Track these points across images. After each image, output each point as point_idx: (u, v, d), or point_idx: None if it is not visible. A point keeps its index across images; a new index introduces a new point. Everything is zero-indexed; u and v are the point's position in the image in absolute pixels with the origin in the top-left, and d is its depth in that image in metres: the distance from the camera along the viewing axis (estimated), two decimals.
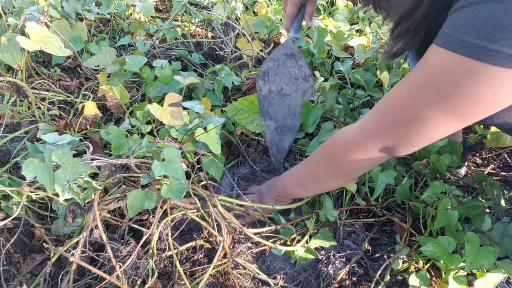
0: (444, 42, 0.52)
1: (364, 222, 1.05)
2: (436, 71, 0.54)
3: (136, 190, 0.81)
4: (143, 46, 1.51)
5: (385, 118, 0.67)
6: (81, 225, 0.89)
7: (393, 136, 0.66)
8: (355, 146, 0.74)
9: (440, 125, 0.59)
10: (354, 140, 0.74)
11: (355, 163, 0.76)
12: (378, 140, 0.69)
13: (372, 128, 0.69)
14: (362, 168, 0.80)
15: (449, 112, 0.56)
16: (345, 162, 0.78)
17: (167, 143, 0.90)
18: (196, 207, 0.86)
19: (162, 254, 0.83)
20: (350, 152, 0.75)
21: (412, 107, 0.60)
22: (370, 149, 0.71)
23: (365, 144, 0.71)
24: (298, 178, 0.93)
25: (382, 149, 0.70)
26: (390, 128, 0.66)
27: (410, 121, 0.62)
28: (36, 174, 0.74)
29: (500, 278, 0.79)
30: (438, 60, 0.54)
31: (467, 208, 0.91)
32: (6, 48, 1.12)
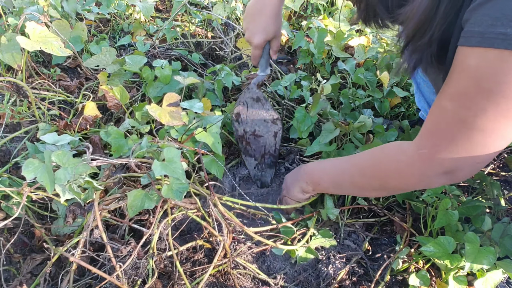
0: (480, 40, 0.49)
1: (365, 222, 1.05)
2: (479, 73, 0.51)
3: (136, 190, 0.81)
4: (143, 46, 1.51)
5: (440, 138, 0.60)
6: (81, 225, 0.89)
7: (453, 156, 0.60)
8: (411, 171, 0.68)
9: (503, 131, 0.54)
10: (409, 165, 0.67)
11: (407, 185, 0.73)
12: (437, 165, 0.63)
13: (429, 153, 0.63)
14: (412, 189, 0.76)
15: (507, 113, 0.52)
16: (395, 182, 0.73)
17: (167, 143, 0.90)
18: (197, 207, 0.86)
19: (162, 254, 0.83)
20: (404, 176, 0.70)
21: (467, 119, 0.55)
22: (428, 176, 0.65)
23: (422, 171, 0.65)
24: (336, 179, 0.89)
25: (443, 174, 0.64)
26: (449, 148, 0.59)
27: (470, 134, 0.56)
28: (36, 175, 0.74)
29: (500, 278, 0.79)
30: (477, 61, 0.51)
31: (467, 208, 0.91)
32: (6, 48, 1.12)
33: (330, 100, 1.45)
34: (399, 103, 1.43)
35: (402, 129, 1.19)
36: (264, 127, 1.13)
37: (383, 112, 1.37)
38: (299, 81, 1.47)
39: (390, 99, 1.39)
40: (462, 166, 0.61)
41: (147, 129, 1.08)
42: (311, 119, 1.18)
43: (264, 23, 1.00)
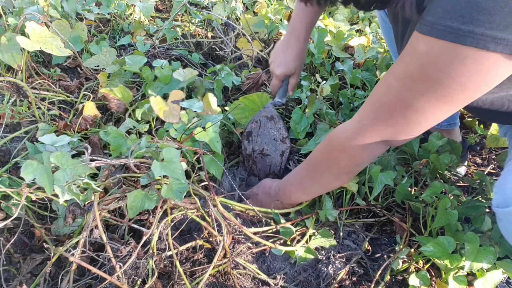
0: (430, 30, 0.52)
1: (364, 222, 1.05)
2: (425, 60, 0.55)
3: (136, 191, 0.81)
4: (143, 46, 1.51)
5: (380, 112, 0.67)
6: (81, 225, 0.89)
7: (390, 128, 0.67)
8: (353, 142, 0.74)
9: (434, 113, 0.60)
10: (351, 137, 0.74)
11: (356, 159, 0.77)
12: (375, 134, 0.70)
13: (369, 123, 0.70)
14: (363, 163, 0.81)
15: (442, 99, 0.57)
16: (345, 160, 0.79)
17: (166, 143, 0.90)
18: (196, 207, 0.86)
19: (162, 254, 0.83)
20: (349, 149, 0.76)
21: (406, 98, 0.61)
22: (369, 144, 0.72)
23: (362, 139, 0.72)
24: (301, 184, 0.93)
25: (380, 141, 0.71)
26: (387, 121, 0.67)
27: (406, 111, 0.62)
28: (35, 176, 0.74)
29: (500, 278, 0.79)
30: (425, 49, 0.54)
31: (467, 208, 0.91)
32: (6, 48, 1.12)
33: (330, 100, 1.45)
34: None
35: None
36: (273, 145, 1.15)
37: None
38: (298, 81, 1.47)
39: None
40: (397, 136, 0.69)
41: (146, 128, 1.08)
42: (307, 119, 1.20)
43: (286, 59, 1.15)
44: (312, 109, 1.18)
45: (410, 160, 1.11)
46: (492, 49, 0.48)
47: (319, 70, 1.60)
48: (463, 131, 1.38)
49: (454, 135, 1.23)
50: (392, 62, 1.45)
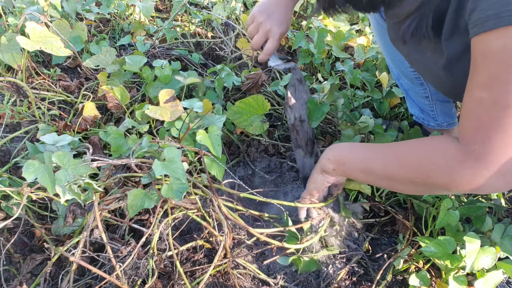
0: (497, 22, 0.49)
1: (365, 222, 1.05)
2: (508, 52, 0.50)
3: (137, 190, 0.81)
4: (143, 46, 1.51)
5: (488, 131, 0.56)
6: (81, 225, 0.89)
7: (508, 146, 0.55)
8: (463, 169, 0.61)
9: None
10: (462, 162, 0.61)
11: (455, 187, 0.64)
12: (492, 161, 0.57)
13: (481, 148, 0.57)
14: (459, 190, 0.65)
15: None
16: (442, 180, 0.65)
17: (167, 142, 0.90)
18: (197, 207, 0.86)
19: (162, 254, 0.83)
20: (455, 173, 0.62)
21: (501, 100, 0.53)
22: (485, 177, 0.58)
23: (477, 169, 0.59)
24: (367, 162, 0.80)
25: (500, 174, 0.57)
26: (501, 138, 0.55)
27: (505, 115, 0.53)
28: (37, 176, 0.74)
29: (500, 278, 0.79)
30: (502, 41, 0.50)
31: (468, 208, 0.91)
32: (6, 48, 1.12)
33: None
34: (399, 103, 1.43)
35: (401, 129, 1.19)
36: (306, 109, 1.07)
37: (382, 112, 1.37)
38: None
39: (390, 100, 1.39)
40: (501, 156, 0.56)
41: (146, 128, 1.07)
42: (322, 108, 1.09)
43: (284, 15, 0.99)
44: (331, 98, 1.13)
45: None
46: None
47: (319, 70, 1.60)
48: None
49: (454, 134, 1.24)
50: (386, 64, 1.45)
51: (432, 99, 1.13)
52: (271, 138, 1.28)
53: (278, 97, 1.41)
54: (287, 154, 1.24)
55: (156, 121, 1.13)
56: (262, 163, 1.21)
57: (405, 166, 0.72)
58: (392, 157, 0.76)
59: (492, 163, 0.57)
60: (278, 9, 0.98)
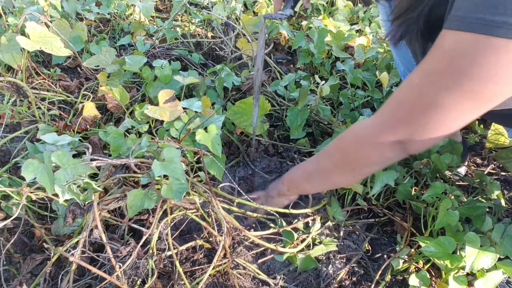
0: (460, 24, 0.51)
1: (365, 222, 1.05)
2: (454, 53, 0.53)
3: (136, 190, 0.81)
4: (143, 46, 1.51)
5: (399, 109, 0.63)
6: (81, 225, 0.89)
7: (408, 127, 0.63)
8: (366, 139, 0.70)
9: (459, 111, 0.56)
10: (366, 134, 0.70)
11: (365, 158, 0.73)
12: (391, 133, 0.65)
13: (386, 120, 0.66)
14: (372, 165, 0.75)
15: (470, 95, 0.54)
16: (355, 156, 0.74)
17: (167, 143, 0.90)
18: (196, 207, 0.86)
19: (162, 254, 0.83)
20: (361, 146, 0.72)
21: (430, 94, 0.57)
22: (383, 143, 0.67)
23: (377, 137, 0.68)
24: (305, 169, 0.90)
25: (396, 143, 0.66)
26: (406, 119, 0.62)
27: (428, 109, 0.58)
28: (36, 175, 0.74)
29: (500, 278, 0.79)
30: (455, 42, 0.53)
31: (468, 208, 0.90)
32: (6, 48, 1.12)
33: (330, 100, 1.45)
34: None
35: None
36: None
37: None
38: (299, 81, 1.47)
39: None
40: (415, 139, 0.63)
41: (145, 128, 1.08)
42: (301, 114, 1.17)
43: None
44: (303, 102, 1.16)
45: (410, 160, 1.11)
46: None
47: (319, 70, 1.60)
48: (463, 131, 1.38)
49: (454, 135, 1.23)
50: (392, 62, 1.45)
51: None
52: (271, 138, 1.28)
53: (278, 97, 1.41)
54: (285, 154, 1.24)
55: (156, 121, 1.13)
56: (262, 163, 1.21)
57: (331, 156, 0.82)
58: (321, 155, 0.86)
59: (389, 133, 0.65)
60: None
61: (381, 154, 0.70)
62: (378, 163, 0.74)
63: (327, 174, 0.85)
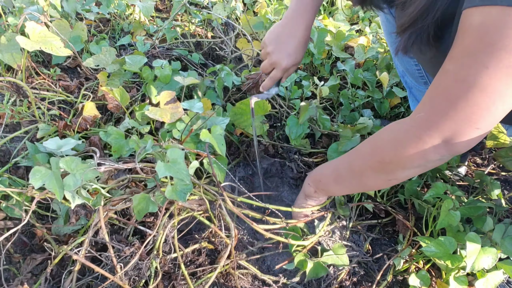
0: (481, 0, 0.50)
1: (367, 223, 1.05)
2: (483, 29, 0.51)
3: (140, 194, 0.81)
4: (143, 46, 1.51)
5: (437, 100, 0.59)
6: (87, 225, 0.89)
7: (451, 119, 0.57)
8: (406, 138, 0.64)
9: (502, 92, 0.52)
10: (405, 132, 0.64)
11: (404, 160, 0.65)
12: (434, 129, 0.59)
13: (428, 116, 0.60)
14: (411, 168, 0.68)
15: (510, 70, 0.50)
16: (392, 157, 0.67)
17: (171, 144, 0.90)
18: (204, 208, 0.86)
19: (166, 256, 0.83)
20: (400, 145, 0.65)
21: (467, 78, 0.53)
22: (425, 142, 0.61)
23: (418, 135, 0.61)
24: (336, 169, 0.83)
25: (440, 141, 0.60)
26: (448, 111, 0.57)
27: (468, 94, 0.54)
28: (44, 182, 0.73)
29: (500, 278, 0.79)
30: (481, 18, 0.51)
31: (468, 208, 0.91)
32: (6, 48, 1.12)
33: (330, 101, 1.45)
34: (399, 103, 1.43)
35: None
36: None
37: (382, 112, 1.37)
38: (299, 81, 1.47)
39: (390, 100, 1.39)
40: (461, 131, 0.58)
41: (147, 129, 1.07)
42: (302, 127, 1.17)
43: (294, 47, 0.92)
44: (304, 117, 1.16)
45: None
46: None
47: (319, 71, 1.60)
48: None
49: None
50: (392, 62, 1.45)
51: None
52: (271, 139, 1.28)
53: (278, 97, 1.41)
54: (286, 155, 1.24)
55: (156, 121, 1.13)
56: (263, 163, 1.21)
57: (363, 155, 0.76)
58: (354, 153, 0.80)
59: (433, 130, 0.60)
60: (290, 40, 0.92)
61: (423, 155, 0.63)
62: (418, 167, 0.67)
63: (360, 177, 0.78)
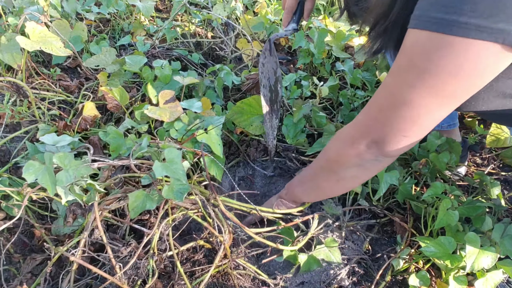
0: (417, 23, 0.53)
1: (365, 223, 1.05)
2: (413, 51, 0.55)
3: (138, 191, 0.81)
4: (143, 46, 1.51)
5: (372, 108, 0.67)
6: (82, 225, 0.89)
7: (380, 125, 0.65)
8: (344, 139, 0.74)
9: (428, 107, 0.58)
10: (343, 133, 0.74)
11: (344, 158, 0.75)
12: (366, 133, 0.68)
13: (360, 120, 0.70)
14: (352, 166, 0.75)
15: (434, 91, 0.55)
16: (335, 155, 0.77)
17: (167, 143, 0.90)
18: (197, 207, 0.86)
19: (162, 255, 0.83)
20: (340, 144, 0.75)
21: (396, 92, 0.60)
22: (359, 143, 0.70)
23: (353, 137, 0.71)
24: (300, 175, 0.93)
25: (370, 141, 0.68)
26: (377, 118, 0.65)
27: (396, 106, 0.60)
28: (37, 177, 0.74)
29: (500, 278, 0.79)
30: (413, 40, 0.55)
31: (467, 208, 0.91)
32: (6, 48, 1.12)
33: (330, 101, 1.45)
34: None
35: None
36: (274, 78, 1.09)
37: None
38: (299, 81, 1.47)
39: None
40: (389, 137, 0.65)
41: (145, 128, 1.07)
42: (298, 125, 1.18)
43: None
44: (298, 115, 1.17)
45: (410, 160, 1.11)
46: (476, 37, 0.48)
47: (319, 70, 1.60)
48: (463, 131, 1.39)
49: (454, 135, 1.23)
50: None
51: None
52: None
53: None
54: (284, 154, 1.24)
55: (156, 121, 1.13)
56: (263, 163, 1.21)
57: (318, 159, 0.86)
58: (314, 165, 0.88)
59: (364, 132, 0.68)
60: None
61: (358, 154, 0.71)
62: (357, 165, 0.74)
63: (316, 179, 0.87)
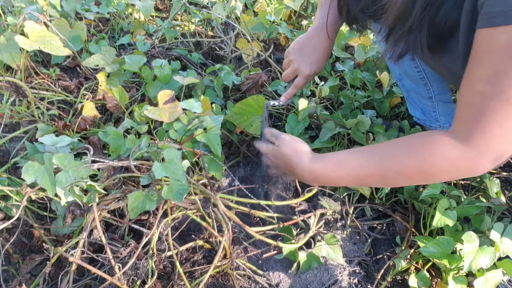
0: (505, 19, 0.51)
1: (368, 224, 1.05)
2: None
3: (137, 191, 0.81)
4: (143, 45, 1.51)
5: (489, 125, 0.59)
6: (80, 226, 0.89)
7: (504, 140, 0.59)
8: (465, 163, 0.64)
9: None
10: (463, 157, 0.64)
11: (457, 177, 0.70)
12: (491, 152, 0.61)
13: (481, 141, 0.61)
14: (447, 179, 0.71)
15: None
16: (446, 177, 0.70)
17: (167, 144, 0.90)
18: (196, 207, 0.86)
19: (161, 255, 0.83)
20: (457, 169, 0.66)
21: (504, 97, 0.55)
22: (482, 164, 0.63)
23: (477, 160, 0.63)
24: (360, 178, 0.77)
25: (493, 160, 0.62)
26: (500, 133, 0.59)
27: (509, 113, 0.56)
28: (37, 177, 0.73)
29: (500, 278, 0.79)
30: (508, 37, 0.52)
31: (467, 208, 0.90)
32: (5, 47, 1.12)
33: (330, 100, 1.45)
34: (399, 103, 1.43)
35: (402, 129, 1.19)
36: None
37: (383, 112, 1.37)
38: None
39: (390, 99, 1.39)
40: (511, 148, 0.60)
41: (145, 129, 1.07)
42: (302, 124, 1.16)
43: (317, 58, 1.01)
44: (304, 114, 1.17)
45: None
46: None
47: None
48: None
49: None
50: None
51: (435, 100, 1.13)
52: None
53: (278, 97, 1.41)
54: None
55: (155, 121, 1.13)
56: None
57: (408, 177, 0.71)
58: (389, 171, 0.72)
59: (489, 153, 0.62)
60: (313, 50, 1.00)
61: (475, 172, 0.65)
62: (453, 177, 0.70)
63: (394, 184, 0.80)
